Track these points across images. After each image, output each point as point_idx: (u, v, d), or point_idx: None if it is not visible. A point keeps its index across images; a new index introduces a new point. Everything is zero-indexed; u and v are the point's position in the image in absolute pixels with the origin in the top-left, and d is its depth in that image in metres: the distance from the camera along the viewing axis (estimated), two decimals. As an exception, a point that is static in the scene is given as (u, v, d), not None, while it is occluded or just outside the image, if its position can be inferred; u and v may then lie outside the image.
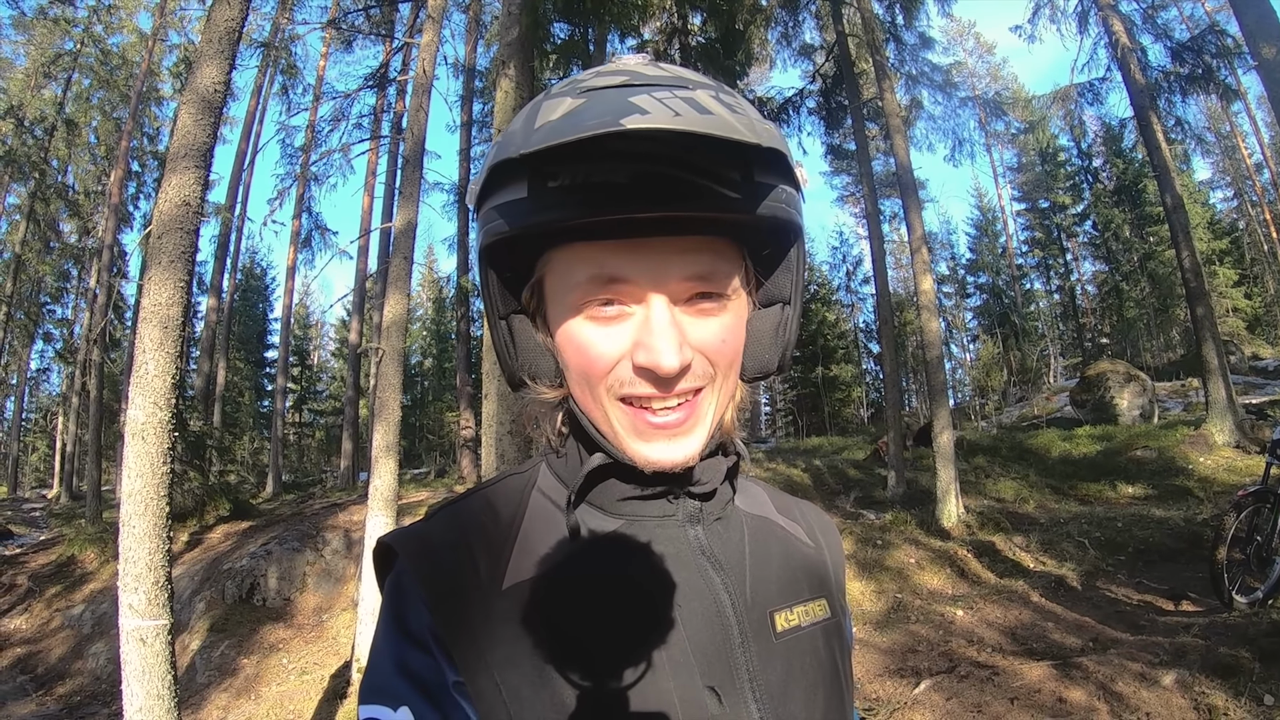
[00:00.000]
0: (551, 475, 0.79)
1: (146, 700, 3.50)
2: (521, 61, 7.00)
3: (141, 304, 3.79)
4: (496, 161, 0.63)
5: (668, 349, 0.64)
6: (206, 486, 13.25)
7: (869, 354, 40.02)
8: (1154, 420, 16.40)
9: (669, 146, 0.59)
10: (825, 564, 0.86)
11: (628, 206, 0.60)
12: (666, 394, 0.66)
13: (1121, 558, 8.07)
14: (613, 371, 0.67)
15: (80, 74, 21.98)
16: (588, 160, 0.59)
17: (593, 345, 0.67)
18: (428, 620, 0.67)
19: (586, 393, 0.70)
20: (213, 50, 3.98)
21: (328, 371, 44.99)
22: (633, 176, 0.59)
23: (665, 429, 0.68)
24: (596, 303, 0.66)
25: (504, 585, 0.69)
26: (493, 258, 0.71)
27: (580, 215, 0.60)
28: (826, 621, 0.78)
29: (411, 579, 0.70)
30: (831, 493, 12.93)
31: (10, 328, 22.33)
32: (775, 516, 0.86)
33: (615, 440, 0.70)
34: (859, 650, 6.51)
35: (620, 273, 0.65)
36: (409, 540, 0.73)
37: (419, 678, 0.67)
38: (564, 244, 0.67)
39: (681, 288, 0.66)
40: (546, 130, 0.58)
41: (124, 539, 3.58)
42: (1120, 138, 32.32)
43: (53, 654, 9.42)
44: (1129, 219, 34.28)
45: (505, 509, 0.76)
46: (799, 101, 17.18)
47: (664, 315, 0.65)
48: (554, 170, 0.60)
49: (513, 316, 0.74)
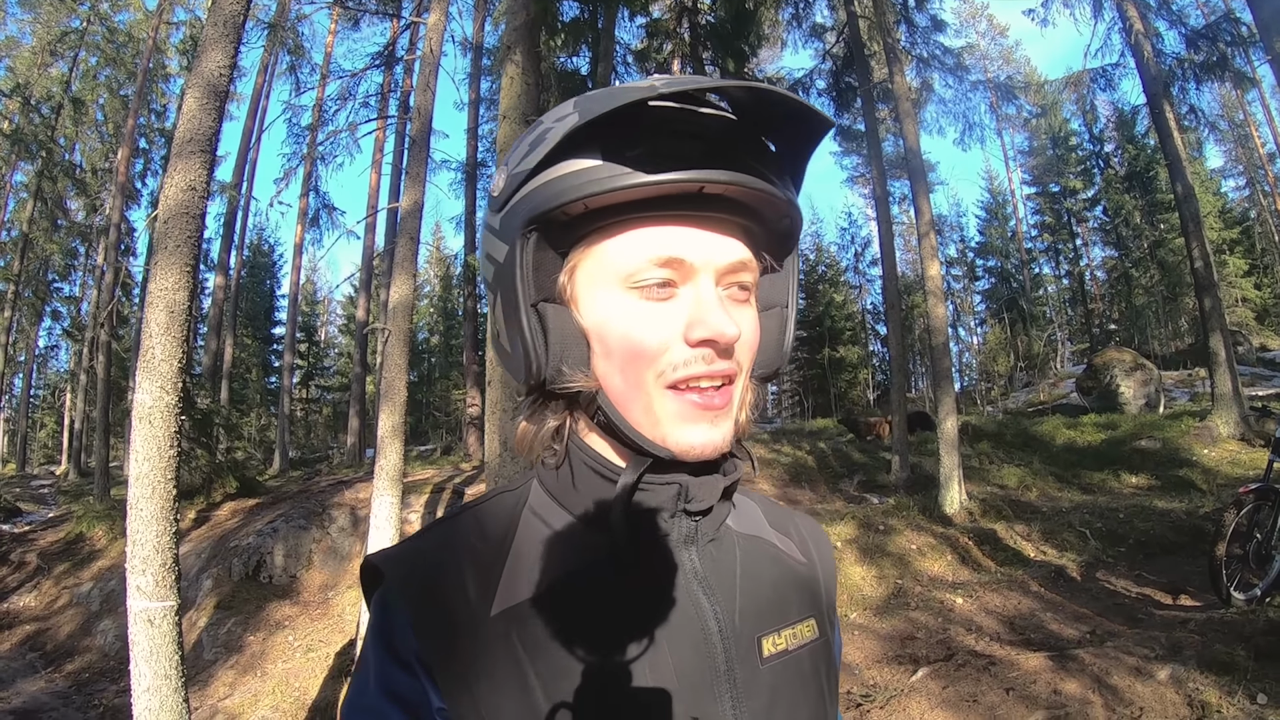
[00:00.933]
0: (544, 493, 0.78)
1: (154, 680, 3.55)
2: (528, 47, 6.96)
3: (148, 289, 3.81)
4: (566, 134, 0.64)
5: (725, 318, 0.67)
6: (214, 464, 13.32)
7: (876, 336, 39.88)
8: (1160, 410, 16.39)
9: (726, 132, 0.68)
10: (817, 581, 0.86)
11: (706, 168, 0.65)
12: (717, 375, 0.68)
13: (1122, 549, 8.07)
14: (665, 355, 0.68)
15: (87, 52, 21.88)
16: (658, 135, 0.65)
17: (647, 325, 0.68)
18: (414, 645, 0.67)
19: (628, 380, 0.69)
20: (218, 34, 3.97)
21: (335, 348, 44.79)
22: (704, 153, 0.65)
23: (710, 410, 0.69)
24: (652, 283, 0.68)
25: (493, 611, 0.68)
26: (535, 234, 0.70)
27: (666, 180, 0.64)
28: (814, 643, 0.79)
29: (398, 601, 0.69)
30: (835, 476, 12.95)
31: (18, 305, 22.37)
32: (768, 533, 0.86)
33: (654, 430, 0.69)
34: (859, 636, 6.56)
35: (676, 246, 0.67)
36: (396, 562, 0.72)
37: (404, 700, 0.67)
38: (617, 223, 0.68)
39: (725, 270, 0.70)
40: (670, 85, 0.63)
41: (132, 521, 3.61)
42: (1133, 124, 31.98)
43: (61, 631, 9.51)
44: (1140, 205, 34.05)
45: (495, 529, 0.75)
46: (809, 83, 17.07)
47: (714, 291, 0.69)
48: (631, 140, 0.65)
49: (541, 304, 0.71)
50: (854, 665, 5.95)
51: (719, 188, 0.66)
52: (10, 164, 23.07)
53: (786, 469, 12.99)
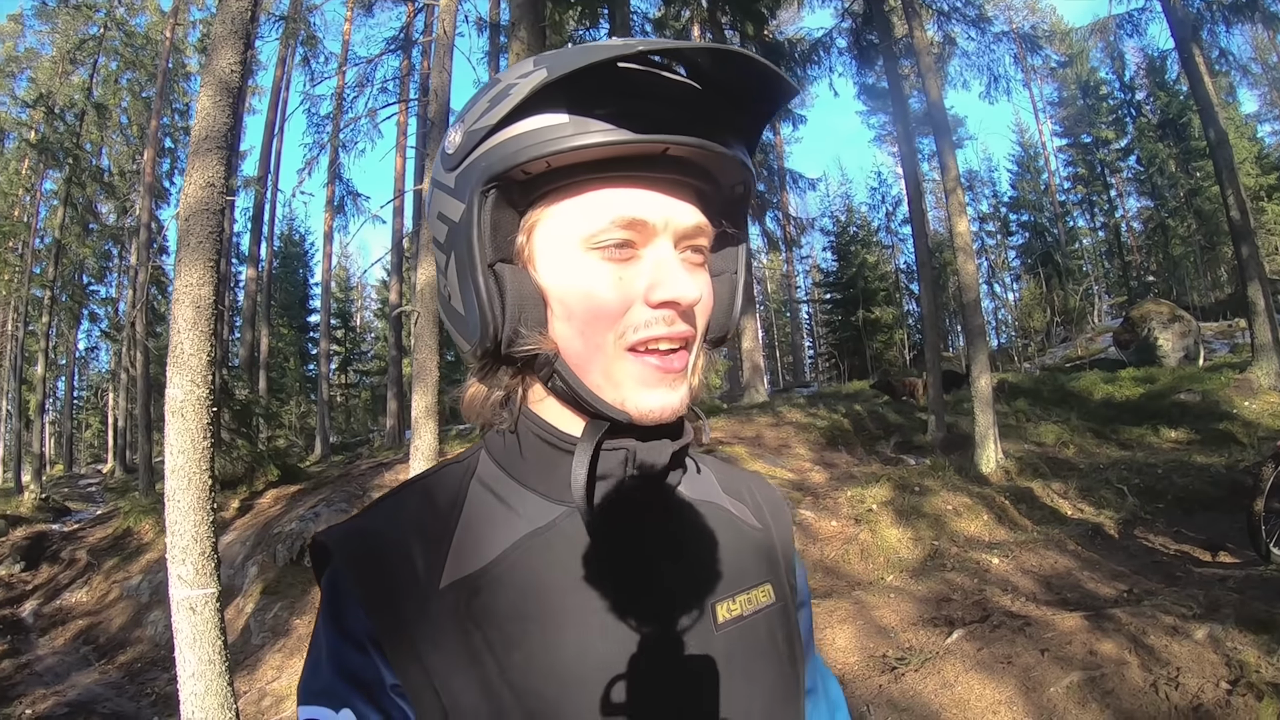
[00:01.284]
0: (492, 462, 0.77)
1: (199, 665, 3.66)
2: (532, 23, 6.92)
3: (175, 286, 3.89)
4: (531, 92, 0.62)
5: (686, 280, 0.67)
6: (255, 453, 13.56)
7: (910, 295, 39.28)
8: (1199, 362, 16.09)
9: (689, 93, 0.67)
10: (773, 546, 0.86)
11: (669, 136, 0.65)
12: (675, 338, 0.68)
13: (1160, 505, 7.97)
14: (625, 316, 0.67)
15: (106, 57, 22.19)
16: (628, 96, 0.64)
17: (608, 286, 0.67)
18: (365, 623, 0.67)
19: (587, 343, 0.68)
20: (227, 32, 4.02)
21: (371, 332, 44.75)
22: (674, 114, 0.65)
23: (670, 373, 0.69)
24: (613, 243, 0.67)
25: (441, 584, 0.68)
26: (494, 193, 0.68)
27: (636, 139, 0.64)
28: (770, 607, 0.78)
29: (346, 580, 0.69)
30: (872, 438, 12.88)
31: (55, 310, 22.83)
32: (721, 499, 0.84)
33: (613, 393, 0.69)
34: (894, 598, 6.54)
35: (638, 208, 0.67)
36: (343, 538, 0.72)
37: (359, 679, 0.66)
38: (577, 183, 0.67)
39: (683, 234, 0.70)
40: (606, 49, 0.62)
41: (170, 513, 3.71)
42: (1163, 70, 31.09)
43: (113, 624, 9.78)
44: (1174, 154, 33.21)
45: (443, 501, 0.74)
46: (829, 42, 16.86)
47: (674, 253, 0.69)
48: (599, 99, 0.64)
49: (499, 265, 0.69)
50: (890, 628, 5.95)
51: (684, 150, 0.67)
52: (39, 172, 23.50)
53: (823, 432, 12.95)
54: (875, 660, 5.32)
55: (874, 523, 8.41)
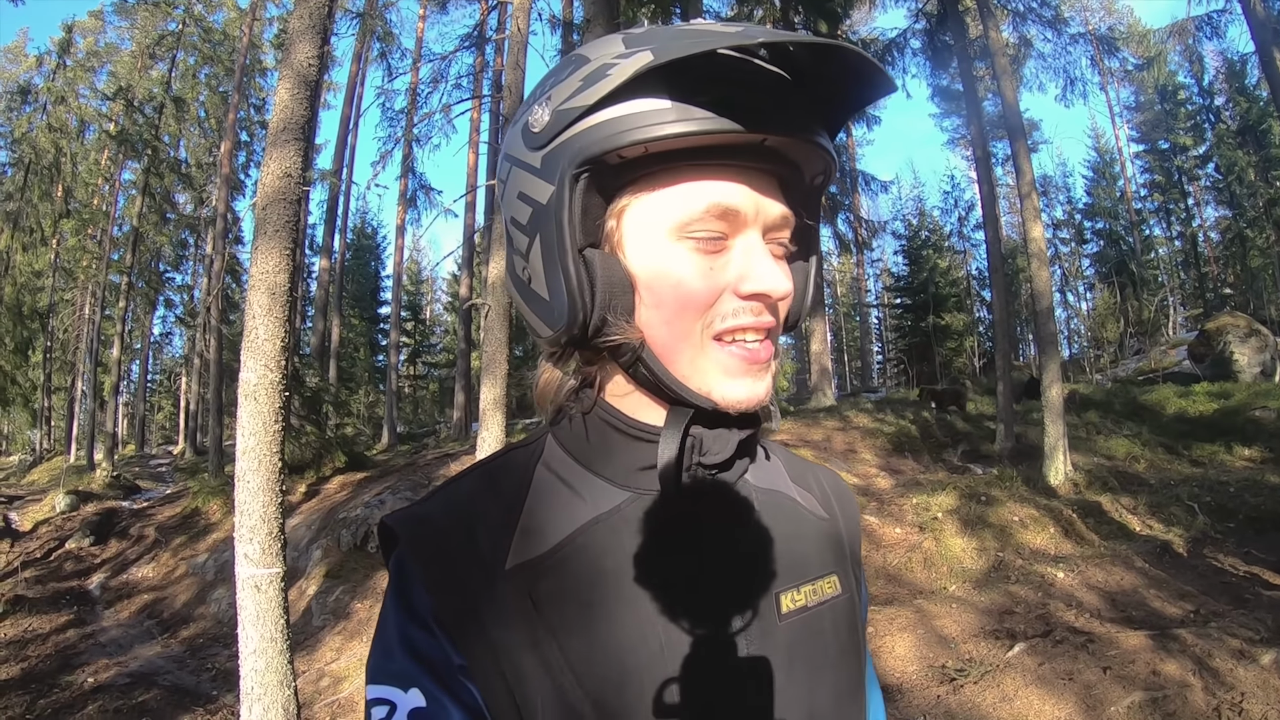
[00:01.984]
0: (559, 448, 0.77)
1: (260, 643, 3.75)
2: (607, 20, 6.96)
3: (250, 273, 3.99)
4: (633, 76, 0.61)
5: (778, 272, 0.67)
6: (323, 439, 13.88)
7: (982, 302, 38.49)
8: (1276, 378, 15.49)
9: (783, 84, 0.66)
10: (839, 536, 0.85)
11: (769, 126, 0.64)
12: (763, 326, 0.68)
13: (1231, 525, 7.73)
14: (714, 306, 0.67)
15: (185, 52, 22.89)
16: (724, 84, 0.63)
17: (698, 275, 0.67)
18: (431, 605, 0.67)
19: (674, 330, 0.68)
20: (304, 27, 4.11)
21: (441, 325, 45.31)
22: (774, 104, 0.65)
23: (756, 363, 0.68)
24: (705, 233, 0.67)
25: (507, 565, 0.68)
26: (587, 177, 0.67)
27: (731, 129, 0.63)
28: (836, 599, 0.77)
29: (413, 562, 0.70)
30: (939, 445, 12.70)
31: (132, 296, 23.56)
32: (788, 488, 0.84)
33: (700, 381, 0.68)
34: (956, 609, 6.46)
35: (732, 197, 0.67)
36: (409, 522, 0.73)
37: (428, 659, 0.67)
38: (670, 170, 0.67)
39: (773, 224, 0.70)
40: (719, 36, 0.61)
41: (239, 493, 3.82)
42: (1243, 74, 30.01)
43: (178, 600, 10.09)
44: (1253, 161, 31.93)
45: (509, 485, 0.75)
46: (903, 42, 16.65)
47: (763, 245, 0.69)
48: (699, 87, 0.62)
49: (588, 250, 0.68)
50: (950, 639, 5.86)
51: (778, 142, 0.66)
52: (118, 163, 24.35)
53: (890, 438, 12.81)
54: (934, 670, 5.25)
55: (938, 531, 8.30)
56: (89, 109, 24.07)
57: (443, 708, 0.65)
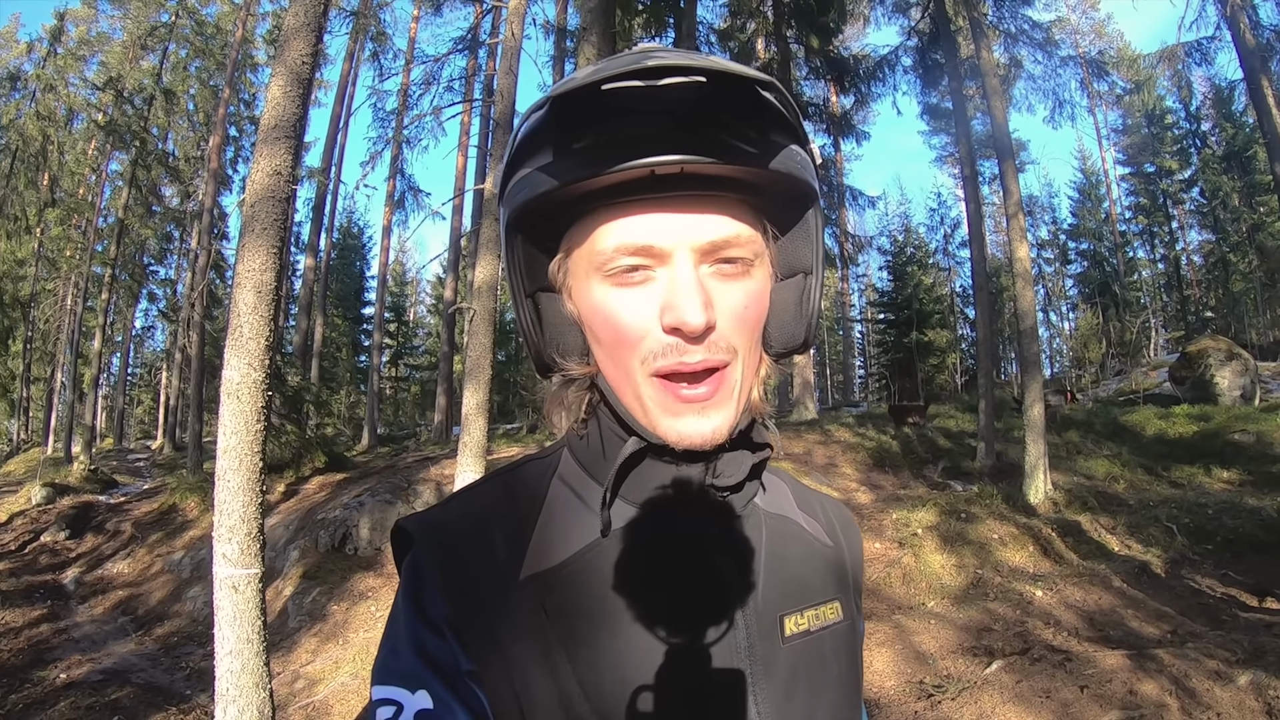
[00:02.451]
0: (574, 461, 0.78)
1: (237, 644, 3.71)
2: (603, 28, 6.97)
3: (237, 270, 3.96)
4: (523, 133, 0.65)
5: (693, 305, 0.63)
6: (303, 439, 13.79)
7: (965, 319, 38.69)
8: (1255, 402, 15.63)
9: (688, 105, 0.61)
10: (843, 564, 0.86)
11: (651, 156, 0.62)
12: (695, 368, 0.65)
13: (1209, 546, 7.79)
14: (644, 341, 0.66)
15: (176, 45, 22.71)
16: (611, 120, 0.62)
17: (621, 311, 0.67)
18: (444, 609, 0.68)
19: (617, 367, 0.69)
20: (300, 24, 4.08)
21: (424, 327, 45.23)
22: (656, 132, 0.62)
23: (694, 401, 0.67)
24: (622, 269, 0.66)
25: (521, 576, 0.69)
26: (520, 233, 0.71)
27: (604, 170, 0.62)
28: (837, 625, 0.78)
29: (428, 566, 0.71)
30: (920, 461, 12.77)
31: (115, 288, 23.37)
32: (795, 514, 0.85)
33: (645, 418, 0.69)
34: (935, 625, 6.48)
35: (643, 234, 0.65)
36: (426, 526, 0.74)
37: (437, 662, 0.67)
38: (589, 212, 0.68)
39: (705, 249, 0.67)
40: (575, 82, 0.59)
41: (219, 492, 3.78)
42: (1230, 100, 30.38)
43: (153, 597, 9.98)
44: (1238, 187, 32.37)
45: (524, 496, 0.76)
46: (894, 60, 16.76)
47: (689, 274, 0.65)
48: (578, 134, 0.63)
49: (538, 294, 0.74)
50: (928, 655, 5.87)
51: (672, 169, 0.63)
52: (105, 154, 24.20)
53: (870, 453, 12.86)
54: (912, 686, 5.26)
55: (918, 547, 8.33)
56: (78, 98, 23.88)
57: (450, 711, 0.66)
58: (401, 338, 40.91)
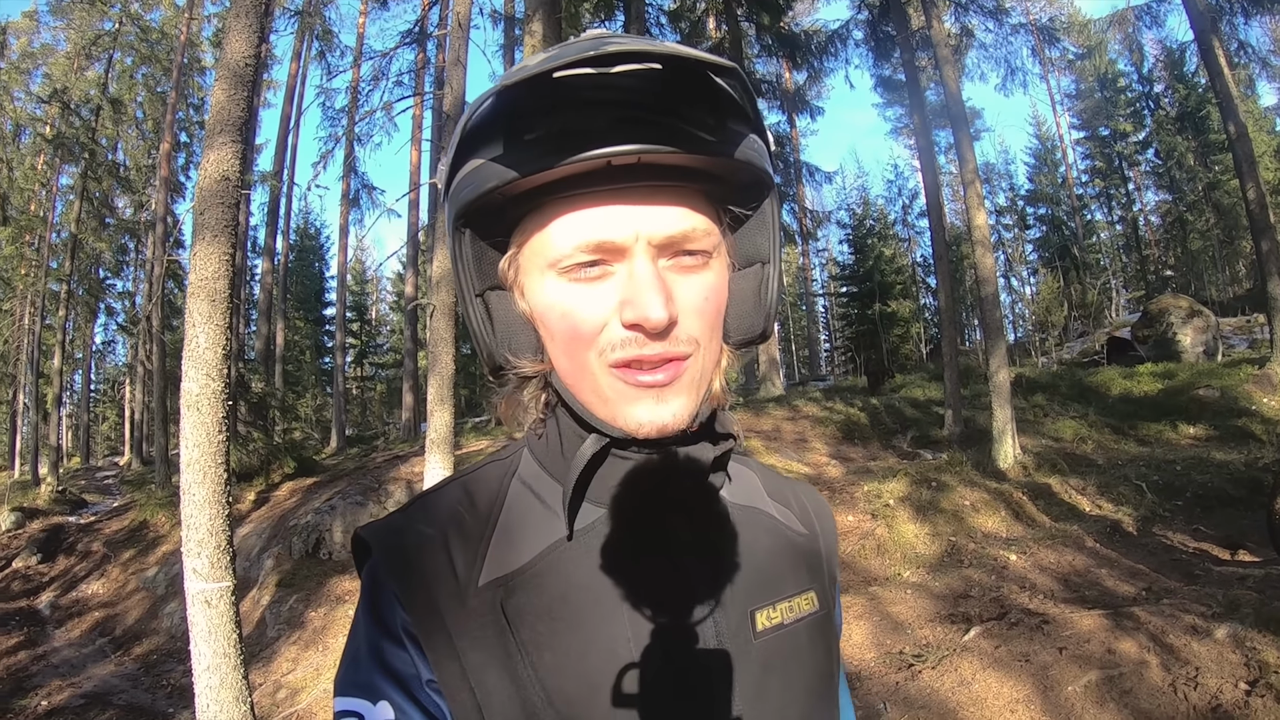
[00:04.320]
0: (534, 461, 0.77)
1: (214, 659, 3.67)
2: (547, 15, 6.87)
3: (189, 278, 3.89)
4: (471, 124, 0.63)
5: (654, 301, 0.62)
6: (271, 446, 13.69)
7: (927, 289, 39.03)
8: (1218, 358, 15.94)
9: (644, 93, 0.60)
10: (818, 552, 0.84)
11: (604, 147, 0.59)
12: (653, 359, 0.64)
13: (1179, 503, 7.93)
14: (602, 334, 0.65)
15: (121, 52, 22.24)
16: (564, 110, 0.60)
17: (578, 308, 0.65)
18: (402, 618, 0.67)
19: (573, 362, 0.68)
20: (240, 25, 4.00)
21: (387, 325, 44.88)
22: (611, 122, 0.59)
23: (652, 387, 0.65)
24: (579, 264, 0.65)
25: (480, 582, 0.68)
26: (467, 229, 0.69)
27: (558, 161, 0.60)
28: (813, 615, 0.76)
29: (385, 575, 0.69)
30: (889, 432, 12.88)
31: (72, 304, 23.00)
32: (766, 504, 0.83)
33: (605, 409, 0.67)
34: (911, 594, 6.54)
35: (601, 229, 0.63)
36: (382, 534, 0.72)
37: (397, 673, 0.66)
38: (541, 206, 0.65)
39: (663, 244, 0.65)
40: (526, 70, 0.57)
41: (185, 506, 3.73)
42: (1182, 62, 30.86)
43: (130, 616, 9.87)
44: (1193, 147, 32.87)
45: (483, 499, 0.74)
46: (845, 34, 16.84)
47: (648, 268, 0.64)
48: (530, 124, 0.61)
49: (488, 293, 0.72)
50: (906, 624, 5.93)
51: (629, 159, 0.61)
52: (55, 168, 23.66)
53: (839, 426, 12.95)
54: (892, 657, 5.30)
55: (890, 518, 8.40)
56: (24, 112, 23.37)
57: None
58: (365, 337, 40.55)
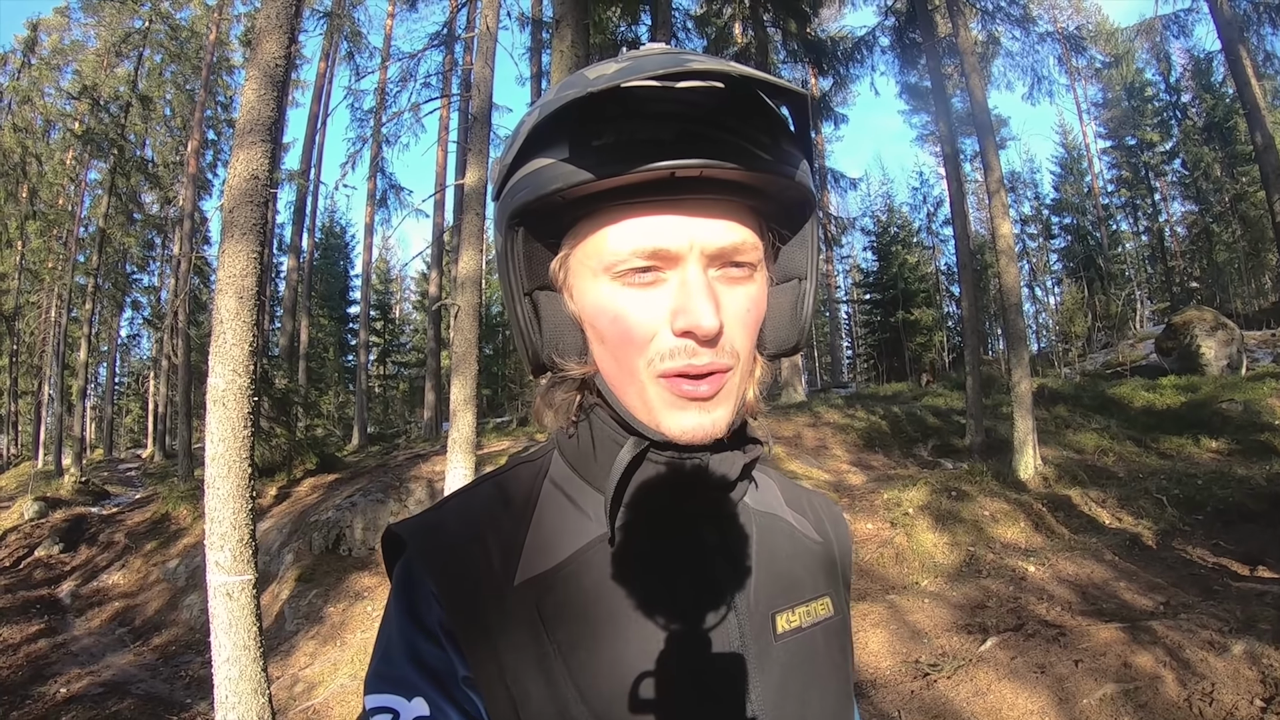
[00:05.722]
0: (564, 463, 0.78)
1: (234, 651, 3.71)
2: (576, 19, 6.91)
3: (218, 275, 3.93)
4: (538, 125, 0.63)
5: (707, 309, 0.64)
6: (293, 442, 13.75)
7: (950, 297, 38.71)
8: (1242, 371, 15.73)
9: (708, 109, 0.62)
10: (833, 560, 0.86)
11: (672, 159, 0.61)
12: (701, 370, 0.65)
13: (1199, 517, 7.84)
14: (652, 342, 0.66)
15: (151, 50, 22.44)
16: (633, 119, 0.62)
17: (631, 313, 0.66)
18: (439, 615, 0.68)
19: (621, 367, 0.68)
20: (272, 25, 4.05)
21: (410, 324, 45.00)
22: (677, 134, 0.61)
23: (698, 399, 0.66)
24: (634, 269, 0.66)
25: (516, 581, 0.69)
26: (521, 228, 0.70)
27: (628, 169, 0.61)
28: (829, 620, 0.79)
29: (421, 571, 0.70)
30: (909, 440, 12.82)
31: (99, 297, 23.23)
32: (784, 512, 0.85)
33: (648, 415, 0.68)
34: (929, 603, 6.51)
35: (658, 237, 0.65)
36: (419, 531, 0.73)
37: (432, 669, 0.67)
38: (598, 211, 0.67)
39: (715, 254, 0.67)
40: (605, 79, 0.59)
41: (209, 500, 3.77)
42: (1209, 72, 30.51)
43: (150, 607, 9.96)
44: (1219, 157, 32.43)
45: (517, 499, 0.76)
46: (872, 40, 16.72)
47: (700, 277, 0.65)
48: (598, 130, 0.62)
49: (536, 293, 0.72)
50: (924, 633, 5.90)
51: (692, 172, 0.63)
52: (84, 163, 23.94)
53: (860, 434, 12.91)
54: (908, 665, 5.28)
55: (910, 526, 8.37)
56: (54, 108, 23.60)
57: (446, 718, 0.66)
58: (388, 335, 40.77)
